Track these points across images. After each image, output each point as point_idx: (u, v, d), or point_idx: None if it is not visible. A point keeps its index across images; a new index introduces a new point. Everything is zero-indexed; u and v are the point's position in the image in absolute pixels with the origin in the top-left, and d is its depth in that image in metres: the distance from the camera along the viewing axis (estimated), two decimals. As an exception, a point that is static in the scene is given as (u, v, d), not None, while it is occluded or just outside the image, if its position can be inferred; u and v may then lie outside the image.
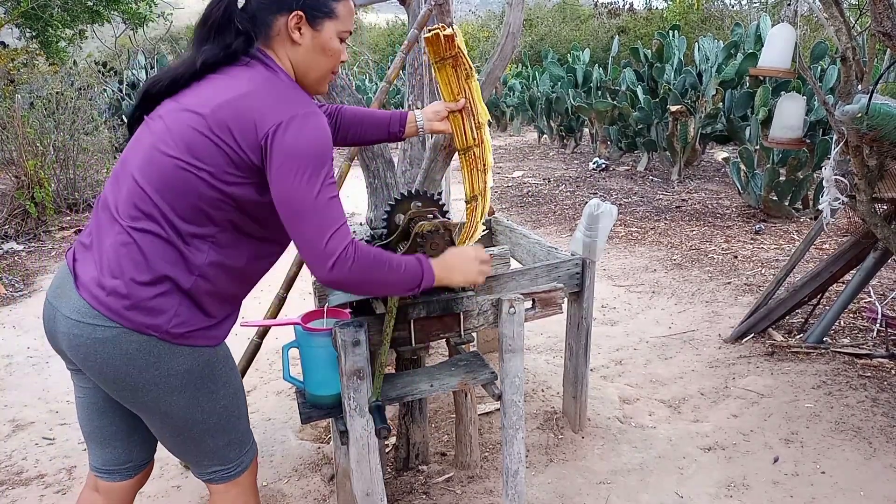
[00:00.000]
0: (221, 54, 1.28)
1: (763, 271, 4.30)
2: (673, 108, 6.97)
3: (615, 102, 8.15)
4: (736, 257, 4.66)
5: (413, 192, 1.68)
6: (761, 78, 6.23)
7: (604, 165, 8.36)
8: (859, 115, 2.08)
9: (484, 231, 1.77)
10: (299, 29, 1.31)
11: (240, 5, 1.30)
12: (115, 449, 1.47)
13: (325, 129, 1.25)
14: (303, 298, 3.70)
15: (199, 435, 1.37)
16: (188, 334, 1.28)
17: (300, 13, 1.29)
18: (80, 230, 5.44)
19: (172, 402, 1.31)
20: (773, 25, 4.21)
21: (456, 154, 2.03)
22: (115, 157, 6.81)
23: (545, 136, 11.03)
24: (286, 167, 1.20)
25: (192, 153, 1.22)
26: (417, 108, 1.81)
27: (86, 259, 1.28)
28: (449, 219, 1.62)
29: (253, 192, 1.27)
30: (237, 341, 3.63)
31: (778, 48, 2.80)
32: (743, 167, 5.78)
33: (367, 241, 1.71)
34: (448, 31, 1.76)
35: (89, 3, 10.59)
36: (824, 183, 2.50)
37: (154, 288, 1.24)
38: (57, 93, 6.47)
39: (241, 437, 1.45)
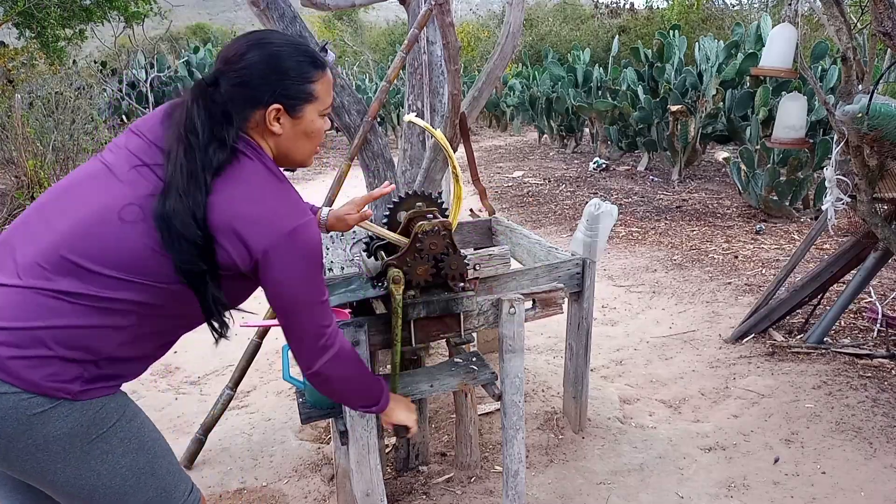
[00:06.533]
0: (224, 156, 1.15)
1: (763, 271, 4.30)
2: (673, 108, 6.97)
3: (615, 102, 8.15)
4: (736, 257, 4.65)
5: (413, 192, 1.68)
6: (762, 78, 6.23)
7: (604, 165, 8.36)
8: (860, 115, 2.08)
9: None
10: (278, 120, 1.20)
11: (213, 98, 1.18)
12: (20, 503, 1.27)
13: (319, 235, 1.21)
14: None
15: (102, 502, 1.17)
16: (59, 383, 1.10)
17: (278, 106, 1.19)
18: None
19: (58, 472, 1.11)
20: (773, 25, 4.21)
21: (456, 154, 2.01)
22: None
23: (545, 135, 11.02)
24: (291, 268, 1.16)
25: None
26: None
27: None
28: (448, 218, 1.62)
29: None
30: (237, 341, 3.63)
31: (779, 48, 2.80)
32: (743, 167, 5.78)
33: (367, 241, 1.71)
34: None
35: (85, 2, 10.57)
36: (826, 184, 2.50)
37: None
38: (56, 93, 6.47)
39: (165, 494, 1.25)
